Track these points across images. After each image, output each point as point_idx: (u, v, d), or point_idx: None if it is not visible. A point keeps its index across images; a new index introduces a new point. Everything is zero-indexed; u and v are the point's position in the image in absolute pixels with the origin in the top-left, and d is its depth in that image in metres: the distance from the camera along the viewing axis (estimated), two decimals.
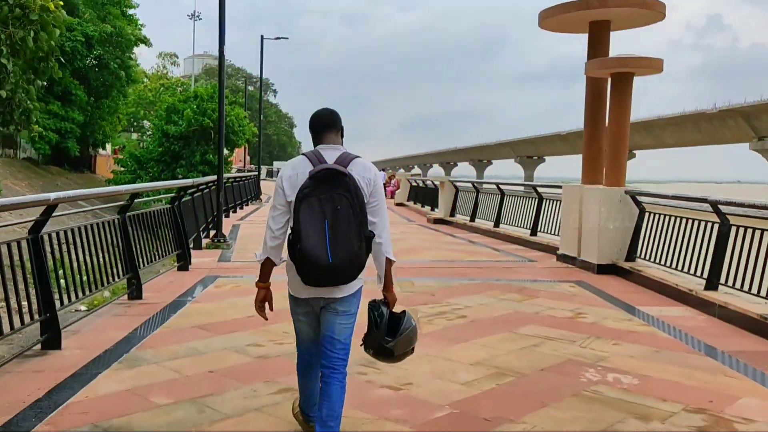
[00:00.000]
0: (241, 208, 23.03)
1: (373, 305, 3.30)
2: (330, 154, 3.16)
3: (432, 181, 20.90)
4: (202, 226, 12.59)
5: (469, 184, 17.10)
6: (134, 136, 65.10)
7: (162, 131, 34.27)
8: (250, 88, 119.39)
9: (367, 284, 3.32)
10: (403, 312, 3.38)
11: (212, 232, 12.72)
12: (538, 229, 12.66)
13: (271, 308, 3.34)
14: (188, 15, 78.62)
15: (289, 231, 3.10)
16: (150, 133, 49.30)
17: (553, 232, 12.15)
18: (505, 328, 6.05)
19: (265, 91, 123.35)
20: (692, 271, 7.69)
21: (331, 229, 2.96)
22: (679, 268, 7.97)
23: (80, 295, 5.89)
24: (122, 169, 35.23)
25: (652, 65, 9.10)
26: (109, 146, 51.51)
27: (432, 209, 20.35)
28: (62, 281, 5.75)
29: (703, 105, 77.30)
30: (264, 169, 55.87)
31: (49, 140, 33.96)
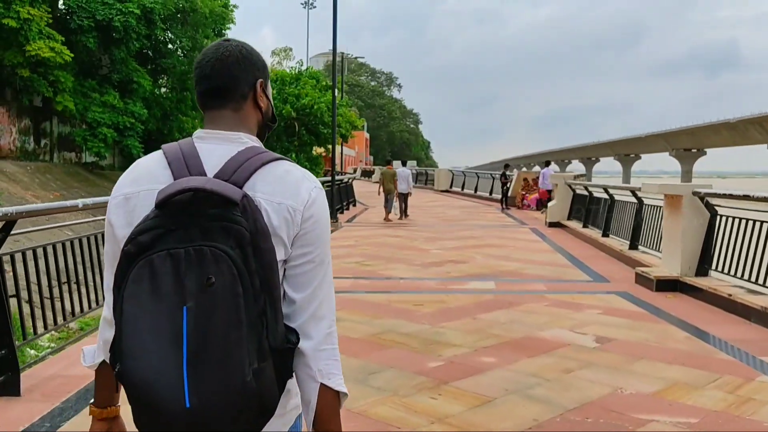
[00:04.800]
0: None
1: None
2: (213, 152, 1.26)
3: (632, 191, 10.90)
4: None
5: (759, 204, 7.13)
6: None
7: None
8: (373, 83, 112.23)
9: None
10: None
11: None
12: None
13: None
14: (302, 3, 72.14)
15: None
16: None
17: None
18: None
19: (389, 85, 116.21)
20: None
21: (193, 335, 1.09)
22: None
23: None
24: None
25: None
26: None
27: (633, 245, 10.46)
28: None
29: None
30: (377, 170, 46.46)
31: (103, 137, 27.42)
